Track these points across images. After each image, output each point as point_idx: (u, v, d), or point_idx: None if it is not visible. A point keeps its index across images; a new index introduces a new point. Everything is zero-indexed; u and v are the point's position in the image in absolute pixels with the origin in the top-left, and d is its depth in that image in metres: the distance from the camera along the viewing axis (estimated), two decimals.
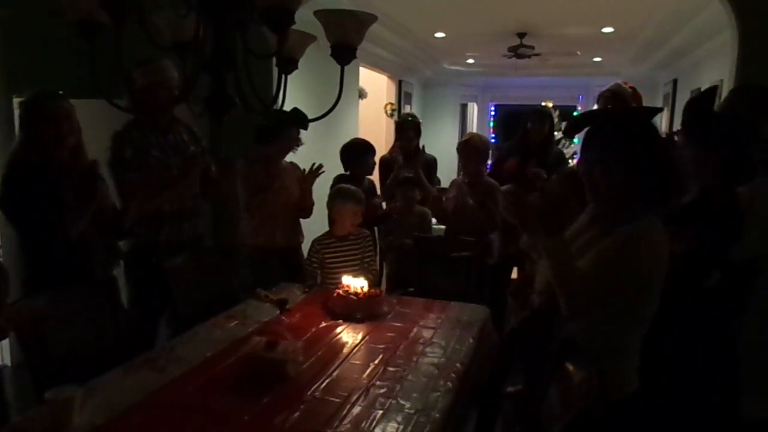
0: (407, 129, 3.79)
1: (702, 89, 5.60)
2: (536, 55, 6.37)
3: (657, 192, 1.60)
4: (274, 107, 1.63)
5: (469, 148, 3.21)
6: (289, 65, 1.68)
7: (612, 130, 1.67)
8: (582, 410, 1.24)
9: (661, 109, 5.30)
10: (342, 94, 1.53)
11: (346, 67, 1.55)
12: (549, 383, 1.56)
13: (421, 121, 3.93)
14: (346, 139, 3.71)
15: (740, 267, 2.32)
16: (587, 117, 1.89)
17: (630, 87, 3.15)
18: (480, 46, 7.07)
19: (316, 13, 1.49)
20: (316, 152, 3.26)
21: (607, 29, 5.79)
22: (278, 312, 2.33)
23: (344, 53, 1.55)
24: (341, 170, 3.56)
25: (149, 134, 2.63)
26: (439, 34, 6.34)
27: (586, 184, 1.67)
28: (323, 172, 3.05)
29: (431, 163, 3.81)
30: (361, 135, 4.67)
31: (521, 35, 6.05)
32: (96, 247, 2.29)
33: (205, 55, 1.47)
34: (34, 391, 1.75)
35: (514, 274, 3.64)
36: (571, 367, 1.47)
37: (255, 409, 1.54)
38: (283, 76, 1.62)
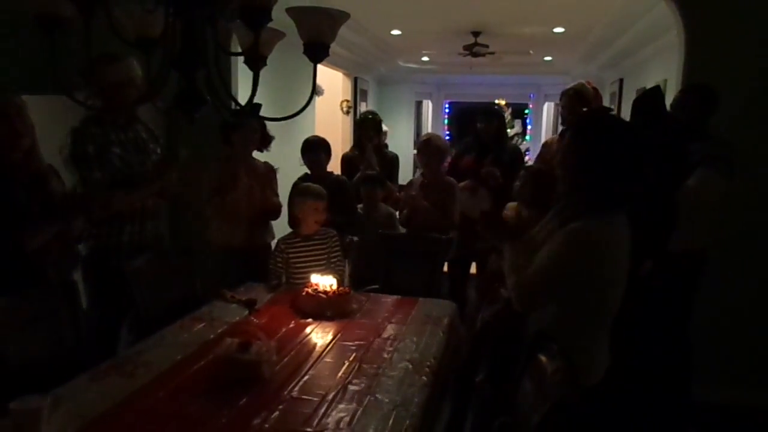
0: (368, 127, 3.79)
1: (647, 88, 5.88)
2: (491, 53, 6.49)
3: (618, 191, 1.67)
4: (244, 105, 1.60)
5: (431, 148, 3.25)
6: (258, 62, 1.66)
7: (578, 128, 1.74)
8: (557, 400, 1.28)
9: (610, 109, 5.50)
10: (310, 91, 1.52)
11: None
12: (522, 375, 1.60)
13: (381, 118, 3.94)
14: (303, 137, 3.69)
15: (678, 257, 2.44)
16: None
17: (592, 87, 3.26)
18: (435, 44, 7.14)
19: (289, 10, 1.48)
20: (273, 150, 3.24)
21: (559, 29, 5.97)
22: (246, 312, 2.30)
23: (317, 51, 1.54)
24: (299, 169, 3.54)
25: (110, 131, 2.54)
26: (395, 32, 6.37)
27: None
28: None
29: (393, 162, 3.83)
30: (318, 132, 4.64)
31: (476, 34, 6.15)
32: (52, 250, 2.19)
33: (174, 52, 1.44)
34: None
35: (473, 269, 3.73)
36: (543, 359, 1.52)
37: (232, 411, 1.51)
38: (255, 73, 1.61)
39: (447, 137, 9.42)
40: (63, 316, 1.98)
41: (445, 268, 3.35)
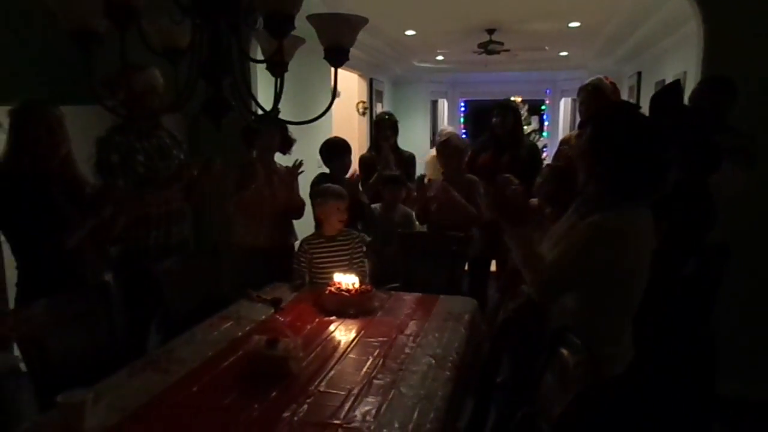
0: (384, 127, 3.84)
1: (666, 81, 5.83)
2: (505, 50, 6.50)
3: (638, 185, 1.69)
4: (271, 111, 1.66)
5: (451, 148, 3.29)
6: (280, 68, 1.72)
7: (601, 122, 1.77)
8: (580, 392, 1.32)
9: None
10: (327, 94, 1.57)
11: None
12: (544, 369, 1.64)
13: (397, 119, 3.98)
14: (321, 138, 3.75)
15: (714, 252, 2.45)
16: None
17: (610, 82, 3.26)
18: (450, 43, 7.16)
19: (310, 17, 1.53)
20: (292, 153, 3.30)
21: (574, 24, 5.95)
22: (272, 311, 2.36)
23: (338, 55, 1.60)
24: (317, 170, 3.60)
25: (133, 139, 2.64)
26: (410, 32, 6.41)
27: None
28: (302, 171, 3.09)
29: (410, 161, 3.87)
30: (335, 134, 4.70)
31: (490, 31, 6.17)
32: (88, 253, 2.29)
33: (201, 61, 1.51)
34: (36, 397, 1.76)
35: (493, 267, 3.75)
36: (565, 353, 1.55)
37: (263, 404, 1.58)
38: (278, 79, 1.67)
39: (463, 135, 9.42)
40: (99, 316, 2.07)
41: (466, 267, 3.39)
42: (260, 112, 1.72)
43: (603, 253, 1.64)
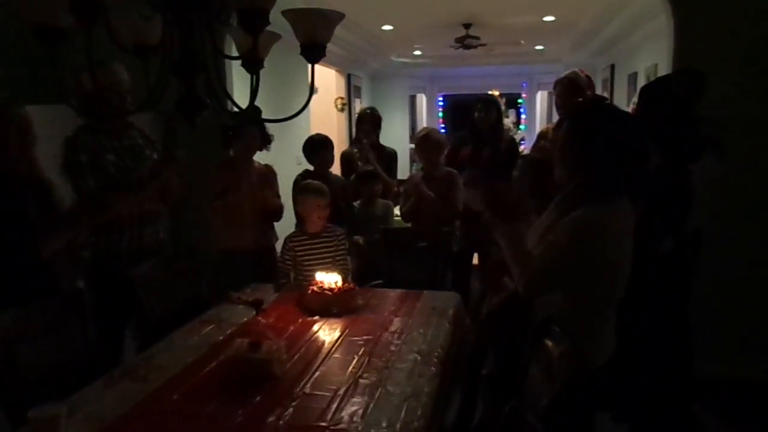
0: (365, 122, 3.82)
1: (638, 74, 5.90)
2: (482, 45, 6.51)
3: (618, 178, 1.69)
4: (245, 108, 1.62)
5: (430, 143, 3.28)
6: (256, 65, 1.68)
7: (575, 116, 1.76)
8: (566, 383, 1.31)
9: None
10: (305, 90, 1.53)
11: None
12: (529, 361, 1.63)
13: (381, 115, 3.96)
14: (300, 136, 3.71)
15: (690, 237, 2.47)
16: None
17: (585, 75, 3.28)
18: (427, 38, 7.15)
19: (285, 12, 1.49)
20: (271, 150, 3.25)
21: (548, 18, 5.98)
22: (254, 313, 2.32)
23: (314, 51, 1.56)
24: (296, 167, 3.56)
25: (103, 139, 2.56)
26: (387, 27, 6.38)
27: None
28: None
29: (392, 157, 3.85)
30: (313, 131, 4.66)
31: (467, 26, 6.18)
32: (60, 259, 2.22)
33: (173, 58, 1.46)
34: (5, 413, 1.69)
35: (475, 260, 3.76)
36: (550, 344, 1.55)
37: (247, 410, 1.54)
38: (254, 76, 1.62)
39: (442, 130, 9.43)
40: (72, 325, 2.00)
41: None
42: (235, 110, 1.68)
43: (587, 248, 1.64)
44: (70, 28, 1.44)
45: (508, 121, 8.72)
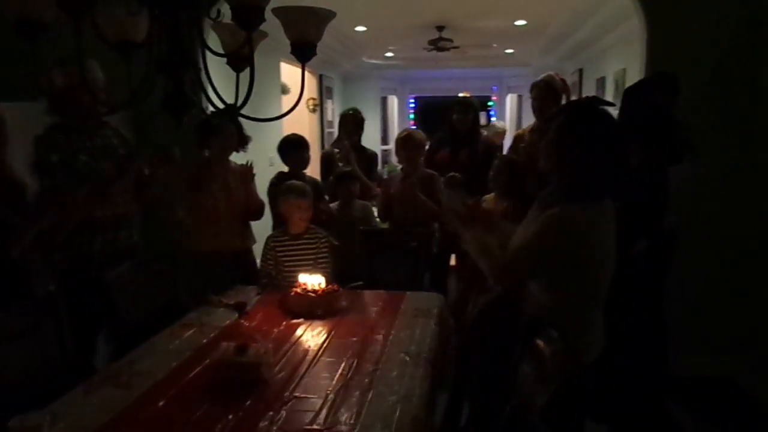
0: (348, 123, 3.81)
1: (606, 78, 6.03)
2: (455, 47, 6.56)
3: (602, 179, 1.73)
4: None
5: (412, 143, 3.28)
6: (242, 63, 1.65)
7: (567, 119, 1.79)
8: (562, 382, 1.33)
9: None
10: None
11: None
12: (520, 361, 1.64)
13: (364, 117, 3.95)
14: (272, 136, 3.66)
15: (666, 236, 2.54)
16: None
17: (561, 79, 3.33)
18: (400, 40, 7.18)
19: (275, 10, 1.47)
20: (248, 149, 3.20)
21: (520, 22, 6.07)
22: (237, 316, 2.28)
23: (305, 50, 1.55)
24: (269, 169, 3.51)
25: (75, 138, 2.48)
26: (360, 28, 6.37)
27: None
28: (254, 174, 3.02)
29: (372, 159, 3.85)
30: (285, 131, 4.62)
31: (440, 28, 6.21)
32: (34, 262, 2.13)
33: (160, 55, 1.42)
34: None
35: (453, 261, 3.78)
36: (541, 344, 1.56)
37: (238, 414, 1.50)
38: (238, 75, 1.60)
39: None
40: (46, 330, 1.92)
41: None
42: (218, 108, 1.64)
43: (562, 242, 1.67)
44: (53, 22, 1.39)
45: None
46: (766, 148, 2.89)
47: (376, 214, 3.56)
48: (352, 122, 3.83)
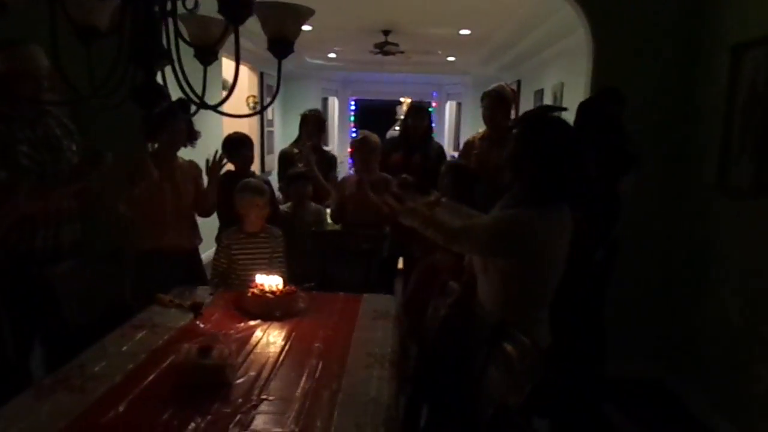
0: (309, 123, 3.77)
1: (544, 90, 6.29)
2: (401, 52, 6.64)
3: (560, 186, 1.81)
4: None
5: (367, 147, 3.29)
6: (210, 56, 1.62)
7: (527, 128, 1.86)
8: (538, 382, 1.38)
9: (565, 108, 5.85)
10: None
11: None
12: (486, 366, 1.69)
13: (325, 118, 3.93)
14: (214, 134, 3.56)
15: (611, 245, 2.69)
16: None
17: (511, 89, 3.44)
18: (346, 41, 7.17)
19: (255, 5, 1.45)
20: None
21: (465, 31, 6.23)
22: (192, 317, 2.20)
23: (283, 47, 1.54)
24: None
25: (15, 128, 2.32)
26: (305, 27, 6.25)
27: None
28: (225, 163, 2.95)
29: (331, 162, 3.83)
30: (226, 129, 4.50)
31: (386, 32, 6.27)
32: None
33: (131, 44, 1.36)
34: None
35: (400, 265, 3.82)
36: (509, 347, 1.62)
37: (206, 418, 1.45)
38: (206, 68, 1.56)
39: (354, 135, 9.47)
40: None
41: None
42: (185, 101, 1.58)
43: (515, 242, 1.75)
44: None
45: None
46: (702, 160, 3.10)
47: (329, 216, 3.55)
48: (314, 122, 3.80)
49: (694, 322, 3.17)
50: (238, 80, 1.59)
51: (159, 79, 1.40)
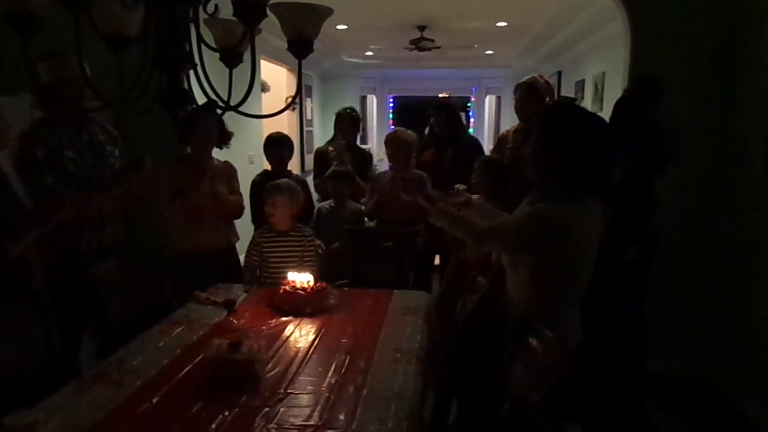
0: (344, 122, 3.80)
1: (585, 81, 6.12)
2: (436, 47, 6.59)
3: (587, 180, 1.77)
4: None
5: (399, 142, 3.29)
6: (234, 59, 1.65)
7: (548, 119, 1.83)
8: (559, 377, 1.36)
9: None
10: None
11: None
12: (512, 361, 1.67)
13: (360, 116, 3.96)
14: (253, 134, 3.63)
15: (649, 240, 2.61)
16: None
17: (545, 80, 3.37)
18: (381, 39, 7.18)
19: (273, 6, 1.48)
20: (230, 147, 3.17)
21: (501, 23, 6.13)
22: (225, 313, 2.27)
23: (302, 47, 1.55)
24: (249, 166, 3.48)
25: (61, 134, 2.44)
26: (341, 27, 6.36)
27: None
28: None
29: (367, 159, 3.85)
30: (265, 129, 4.59)
31: (421, 28, 6.24)
32: (31, 258, 2.09)
33: (155, 50, 1.41)
34: None
35: (437, 261, 3.81)
36: (534, 342, 1.60)
37: (233, 411, 1.50)
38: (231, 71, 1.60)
39: None
40: (35, 326, 1.90)
41: None
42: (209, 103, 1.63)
43: (544, 238, 1.73)
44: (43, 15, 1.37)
45: None
46: (744, 152, 2.97)
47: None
48: (349, 121, 3.82)
49: (743, 316, 3.03)
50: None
51: (192, 82, 1.45)
